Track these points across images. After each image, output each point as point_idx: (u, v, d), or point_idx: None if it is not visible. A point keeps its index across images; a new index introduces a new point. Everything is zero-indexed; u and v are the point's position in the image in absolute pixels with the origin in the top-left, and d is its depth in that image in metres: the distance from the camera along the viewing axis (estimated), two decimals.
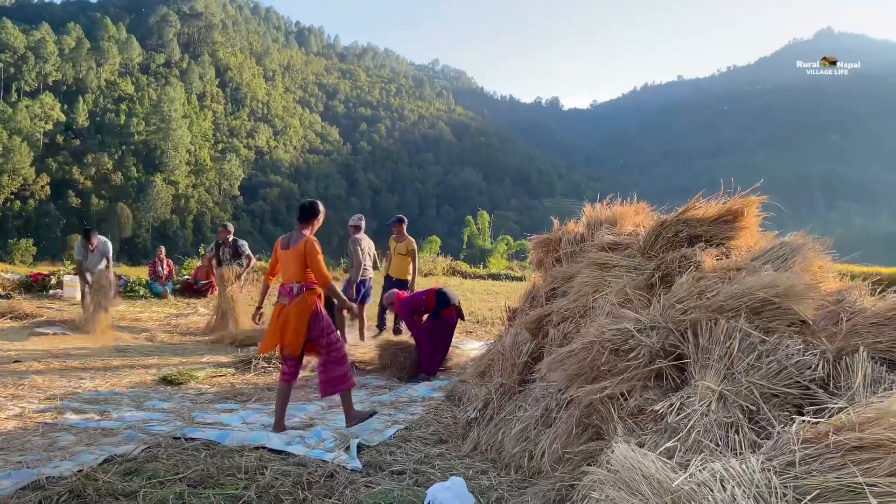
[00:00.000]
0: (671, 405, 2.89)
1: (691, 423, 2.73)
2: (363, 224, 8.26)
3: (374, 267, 8.32)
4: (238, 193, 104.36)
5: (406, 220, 8.75)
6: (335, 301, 4.92)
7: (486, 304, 13.32)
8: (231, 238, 9.65)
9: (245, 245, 9.72)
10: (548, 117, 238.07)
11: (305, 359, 4.82)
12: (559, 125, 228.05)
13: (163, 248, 14.01)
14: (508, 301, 7.22)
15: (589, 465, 3.02)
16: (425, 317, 6.89)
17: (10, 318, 9.17)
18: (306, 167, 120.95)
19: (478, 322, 10.76)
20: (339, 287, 4.99)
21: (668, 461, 2.36)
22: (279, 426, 4.49)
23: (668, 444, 2.64)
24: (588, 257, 4.64)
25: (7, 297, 11.31)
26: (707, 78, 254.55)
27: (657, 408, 2.93)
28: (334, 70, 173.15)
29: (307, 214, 4.64)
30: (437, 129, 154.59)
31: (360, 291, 7.93)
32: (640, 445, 2.67)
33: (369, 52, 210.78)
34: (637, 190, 6.09)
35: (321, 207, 4.72)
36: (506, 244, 35.67)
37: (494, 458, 3.92)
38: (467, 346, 8.49)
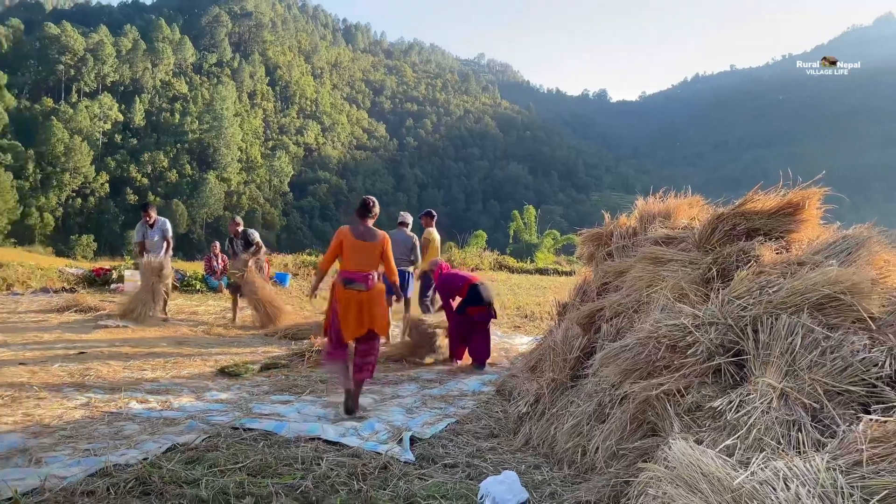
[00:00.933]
0: (730, 402, 2.83)
1: (751, 420, 2.67)
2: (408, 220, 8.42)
3: (413, 261, 8.33)
4: (287, 190, 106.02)
5: (434, 213, 8.80)
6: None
7: (534, 298, 13.26)
8: (241, 229, 9.88)
9: (255, 234, 9.98)
10: (595, 110, 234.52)
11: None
12: (607, 118, 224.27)
13: (217, 244, 14.36)
14: (557, 296, 7.18)
15: (644, 461, 2.99)
16: (454, 303, 7.07)
17: (75, 311, 9.54)
18: (354, 163, 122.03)
19: (526, 317, 10.72)
20: None
21: (728, 459, 2.32)
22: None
23: (728, 442, 2.59)
24: (641, 251, 4.56)
25: (71, 290, 11.78)
26: (761, 67, 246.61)
27: (716, 405, 2.87)
28: (381, 66, 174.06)
29: (372, 210, 5.05)
30: (483, 124, 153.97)
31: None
32: (699, 442, 2.63)
33: (415, 48, 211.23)
34: (687, 182, 5.97)
35: None
36: (552, 239, 35.46)
37: (547, 452, 3.91)
38: (516, 341, 8.48)
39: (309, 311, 9.93)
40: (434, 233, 8.65)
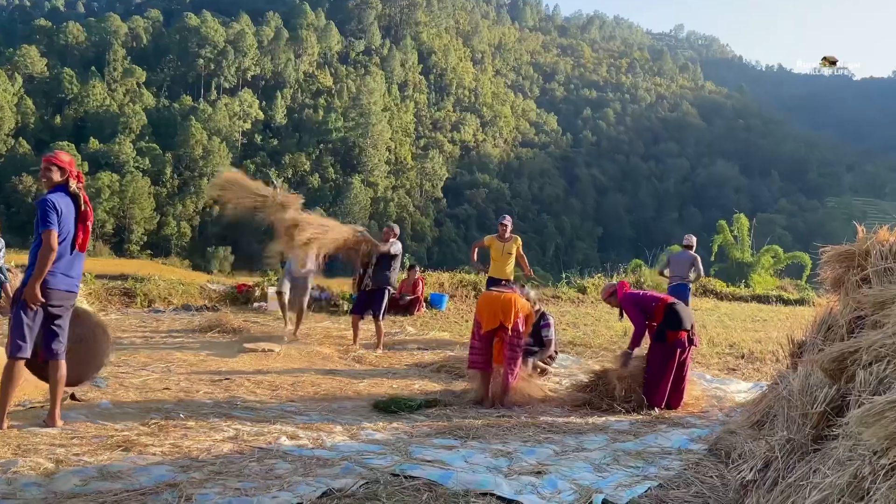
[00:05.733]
0: None
1: None
2: None
3: (694, 279, 12.07)
4: (441, 196, 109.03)
5: (503, 221, 10.83)
6: None
7: (752, 334, 12.64)
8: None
9: None
10: (832, 91, 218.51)
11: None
12: (848, 101, 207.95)
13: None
14: (786, 331, 6.80)
15: None
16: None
17: (218, 331, 10.42)
18: (518, 163, 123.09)
19: (742, 357, 10.24)
20: None
21: None
22: None
23: None
24: None
25: (214, 308, 12.91)
26: None
27: None
28: (553, 46, 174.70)
29: None
30: (681, 112, 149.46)
31: None
32: None
33: (595, 23, 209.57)
34: None
35: None
36: (773, 257, 33.48)
37: None
38: (731, 388, 8.13)
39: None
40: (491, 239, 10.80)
